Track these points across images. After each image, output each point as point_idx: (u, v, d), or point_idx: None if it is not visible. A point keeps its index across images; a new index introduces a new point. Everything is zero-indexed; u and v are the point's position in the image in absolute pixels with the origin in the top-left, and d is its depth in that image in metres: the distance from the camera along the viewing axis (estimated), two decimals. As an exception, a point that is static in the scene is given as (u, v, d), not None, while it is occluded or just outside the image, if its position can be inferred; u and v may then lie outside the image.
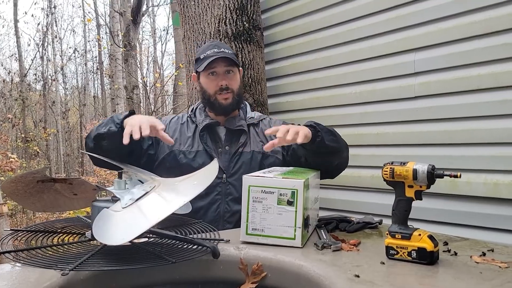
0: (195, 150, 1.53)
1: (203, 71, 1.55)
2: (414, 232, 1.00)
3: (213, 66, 1.53)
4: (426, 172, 0.99)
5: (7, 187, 1.20)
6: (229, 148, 1.55)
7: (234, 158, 1.53)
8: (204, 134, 1.55)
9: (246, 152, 1.54)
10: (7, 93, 12.32)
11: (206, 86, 1.56)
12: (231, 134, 1.57)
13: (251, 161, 1.52)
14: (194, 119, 1.61)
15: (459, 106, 1.80)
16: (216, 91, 1.54)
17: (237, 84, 1.58)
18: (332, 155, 1.39)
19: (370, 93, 2.14)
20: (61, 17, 21.50)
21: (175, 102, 10.29)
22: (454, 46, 1.81)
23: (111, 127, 1.31)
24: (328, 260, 1.01)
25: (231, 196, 1.49)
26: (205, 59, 1.53)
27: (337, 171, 1.51)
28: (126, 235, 0.92)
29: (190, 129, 1.59)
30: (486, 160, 1.72)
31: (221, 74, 1.54)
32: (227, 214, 1.49)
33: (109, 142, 1.31)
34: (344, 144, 1.46)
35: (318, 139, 1.30)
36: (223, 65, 1.54)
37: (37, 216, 8.43)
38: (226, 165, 1.52)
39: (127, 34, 7.80)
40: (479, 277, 0.89)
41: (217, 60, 1.52)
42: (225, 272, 1.05)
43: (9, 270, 0.95)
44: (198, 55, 1.59)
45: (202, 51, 1.58)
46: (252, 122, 1.61)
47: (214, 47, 1.56)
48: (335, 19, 2.28)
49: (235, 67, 1.57)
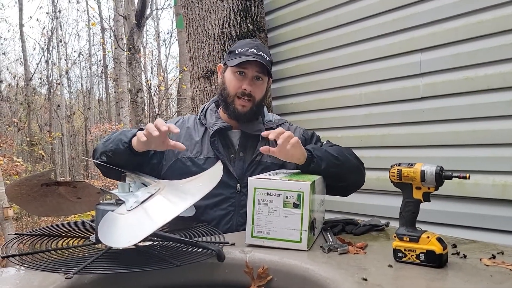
0: (204, 157, 1.40)
1: (232, 67, 1.42)
2: (422, 234, 0.98)
3: (245, 67, 1.41)
4: (434, 174, 0.97)
5: (10, 191, 1.19)
6: (244, 155, 1.42)
7: (251, 167, 1.40)
8: (215, 140, 1.42)
9: (265, 161, 1.41)
10: (12, 97, 12.40)
11: (229, 83, 1.44)
12: (246, 139, 1.44)
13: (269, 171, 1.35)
14: (203, 121, 1.48)
15: (466, 106, 1.78)
16: (236, 93, 1.42)
17: (261, 93, 1.46)
18: (336, 179, 1.32)
19: (375, 94, 2.12)
20: (66, 21, 21.65)
21: (179, 105, 10.31)
22: (461, 46, 1.79)
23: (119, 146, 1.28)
24: (334, 263, 0.99)
25: (246, 208, 1.30)
26: (239, 56, 1.41)
27: (348, 192, 1.46)
28: (132, 238, 0.90)
29: (199, 133, 1.46)
30: (494, 161, 1.70)
31: (249, 78, 1.42)
32: (240, 227, 1.35)
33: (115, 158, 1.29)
34: (354, 165, 1.38)
35: (313, 164, 1.25)
36: (255, 70, 1.42)
37: (43, 220, 8.47)
38: (240, 174, 1.39)
39: (131, 37, 7.83)
40: (490, 280, 0.88)
41: (251, 62, 1.40)
42: (231, 275, 1.04)
43: (13, 273, 0.94)
44: (234, 48, 1.46)
45: (240, 46, 1.45)
46: (270, 126, 1.47)
47: (254, 47, 1.43)
48: (340, 20, 2.27)
49: (266, 75, 1.46)
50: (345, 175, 1.34)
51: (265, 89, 1.49)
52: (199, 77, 2.55)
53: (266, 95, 1.53)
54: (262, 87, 1.46)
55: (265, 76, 1.46)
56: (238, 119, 1.45)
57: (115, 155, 1.28)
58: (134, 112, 7.82)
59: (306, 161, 1.25)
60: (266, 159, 1.41)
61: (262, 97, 1.47)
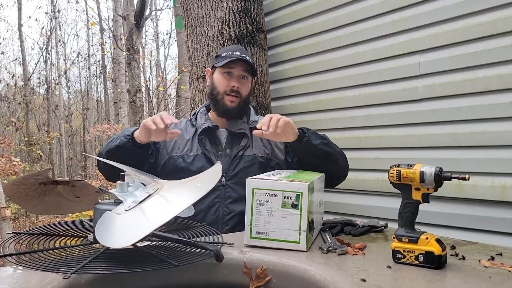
0: (193, 154, 1.54)
1: (219, 68, 1.58)
2: (421, 235, 0.98)
3: (231, 67, 1.56)
4: (434, 175, 0.97)
5: (9, 189, 1.19)
6: (230, 151, 1.55)
7: (234, 161, 1.54)
8: (202, 138, 1.57)
9: (247, 155, 1.55)
10: (10, 97, 12.39)
11: (218, 83, 1.58)
12: (232, 137, 1.58)
13: (252, 165, 1.53)
14: (194, 122, 1.63)
15: (465, 108, 1.78)
16: (225, 91, 1.56)
17: (247, 90, 1.60)
18: (325, 158, 1.42)
19: (374, 96, 2.12)
20: (65, 21, 21.67)
21: (177, 106, 10.30)
22: (460, 48, 1.79)
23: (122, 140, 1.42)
24: (333, 264, 0.99)
25: (230, 199, 1.50)
26: (226, 58, 1.56)
27: (336, 179, 1.53)
28: (129, 238, 0.90)
29: (189, 133, 1.60)
30: (493, 163, 1.69)
31: (236, 76, 1.57)
32: (226, 216, 1.50)
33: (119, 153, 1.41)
34: (339, 151, 1.49)
35: (305, 139, 1.37)
36: (241, 69, 1.57)
37: (40, 220, 8.44)
38: (226, 168, 1.52)
39: (130, 38, 7.82)
40: (489, 281, 0.88)
41: (236, 61, 1.55)
42: (229, 276, 1.04)
43: (10, 273, 0.94)
44: (220, 53, 1.62)
45: (225, 51, 1.62)
46: (254, 126, 1.58)
47: (238, 50, 1.60)
48: (339, 21, 2.27)
49: (250, 75, 1.61)
50: (336, 155, 1.46)
51: (250, 87, 1.64)
52: (198, 77, 2.55)
53: (251, 93, 1.70)
54: (247, 85, 1.61)
55: (250, 75, 1.61)
56: (227, 114, 1.59)
57: (119, 149, 1.42)
58: (133, 112, 7.81)
59: (298, 137, 1.38)
60: (249, 153, 1.55)
61: (248, 94, 1.63)
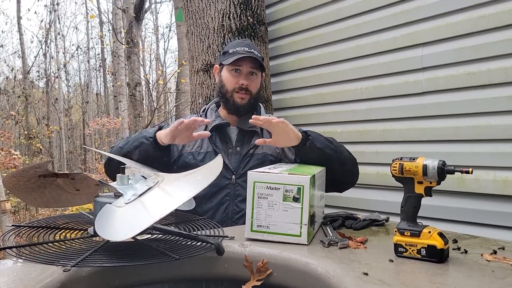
0: (204, 151, 1.51)
1: (227, 65, 1.54)
2: (423, 229, 0.97)
3: (239, 64, 1.52)
4: (437, 168, 0.96)
5: (8, 182, 1.18)
6: (240, 149, 1.52)
7: (245, 159, 1.50)
8: (213, 135, 1.53)
9: (258, 153, 1.50)
10: (10, 90, 12.36)
11: (226, 81, 1.55)
12: (243, 135, 1.55)
13: (262, 163, 1.47)
14: None
15: (468, 101, 1.77)
16: (234, 89, 1.53)
17: (256, 87, 1.57)
18: (331, 161, 1.37)
19: (376, 89, 2.11)
20: (64, 14, 21.57)
21: (177, 100, 10.28)
22: (463, 41, 1.78)
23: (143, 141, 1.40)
24: (335, 258, 0.98)
25: (240, 197, 1.46)
26: (233, 55, 1.52)
27: (344, 183, 1.51)
28: (129, 231, 0.90)
29: (199, 130, 1.54)
30: (495, 156, 1.69)
31: (245, 73, 1.53)
32: (236, 215, 1.46)
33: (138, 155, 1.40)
34: (348, 155, 1.45)
35: (308, 142, 1.34)
36: (249, 66, 1.53)
37: (40, 213, 8.46)
38: (236, 166, 1.49)
39: (129, 31, 7.78)
40: (492, 275, 0.87)
41: (244, 58, 1.51)
42: (230, 269, 1.03)
43: (10, 266, 0.93)
44: (227, 49, 1.58)
45: (232, 46, 1.58)
46: None
47: (245, 45, 1.56)
48: (340, 14, 2.25)
49: (259, 71, 1.57)
50: (342, 159, 1.41)
51: (260, 83, 1.59)
52: (199, 70, 2.53)
53: (261, 89, 1.64)
54: (256, 81, 1.57)
55: (259, 71, 1.56)
56: (238, 111, 1.55)
57: (139, 152, 1.40)
58: (133, 106, 7.80)
59: (301, 141, 1.34)
60: (259, 151, 1.51)
61: (258, 90, 1.58)
